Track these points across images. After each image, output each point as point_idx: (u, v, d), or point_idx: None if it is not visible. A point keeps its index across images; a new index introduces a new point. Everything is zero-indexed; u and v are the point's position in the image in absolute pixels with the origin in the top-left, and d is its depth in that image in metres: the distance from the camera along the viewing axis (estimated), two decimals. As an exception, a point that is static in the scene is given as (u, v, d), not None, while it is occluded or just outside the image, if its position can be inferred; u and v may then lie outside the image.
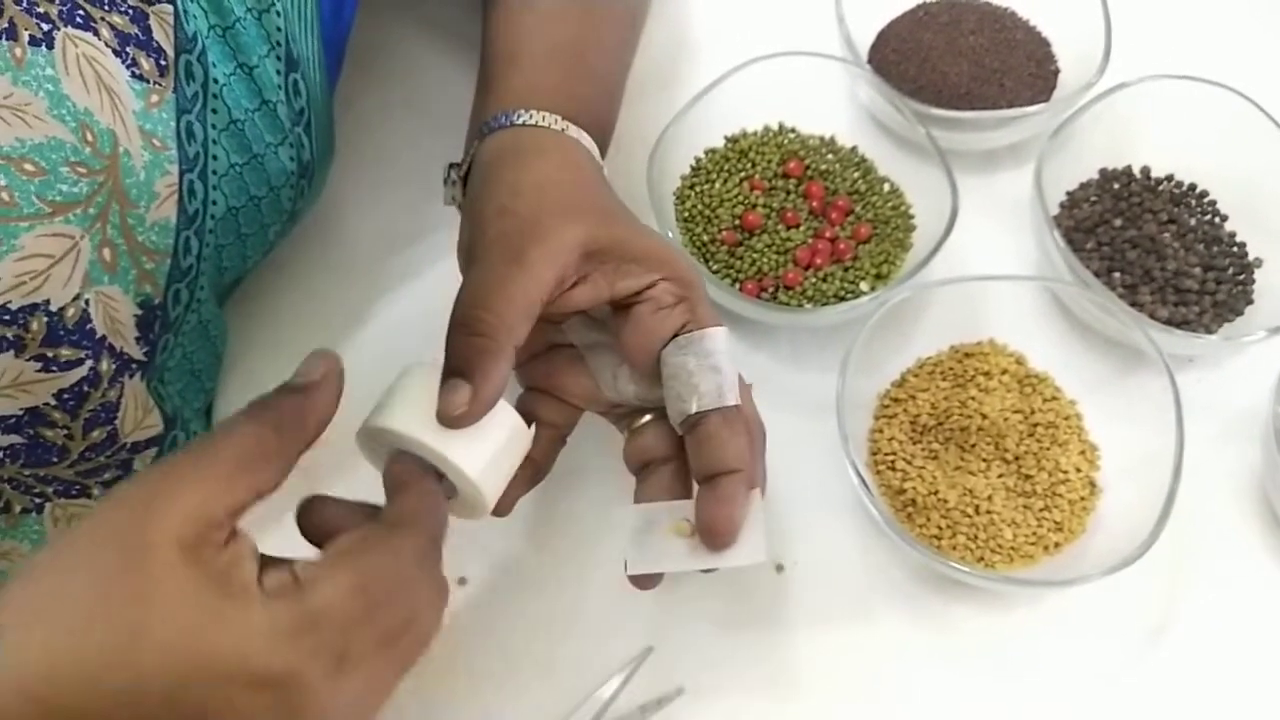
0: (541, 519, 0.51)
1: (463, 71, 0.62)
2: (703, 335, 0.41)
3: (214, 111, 0.46)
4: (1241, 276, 0.55)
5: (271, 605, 0.31)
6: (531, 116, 0.46)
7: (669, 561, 0.40)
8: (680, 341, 0.41)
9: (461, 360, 0.37)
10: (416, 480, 0.36)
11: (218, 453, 0.33)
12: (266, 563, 0.33)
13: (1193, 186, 0.58)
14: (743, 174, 0.57)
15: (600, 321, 0.44)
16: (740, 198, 0.56)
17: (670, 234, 0.53)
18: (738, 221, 0.56)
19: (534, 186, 0.43)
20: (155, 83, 0.42)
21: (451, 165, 0.48)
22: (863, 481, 0.47)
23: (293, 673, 0.31)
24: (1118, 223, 0.56)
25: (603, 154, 0.49)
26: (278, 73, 0.47)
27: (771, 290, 0.54)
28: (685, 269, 0.42)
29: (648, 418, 0.43)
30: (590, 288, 0.41)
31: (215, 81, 0.45)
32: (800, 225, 0.56)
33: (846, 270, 0.55)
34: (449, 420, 0.37)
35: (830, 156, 0.58)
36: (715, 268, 0.55)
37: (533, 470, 0.43)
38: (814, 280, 0.54)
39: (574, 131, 0.46)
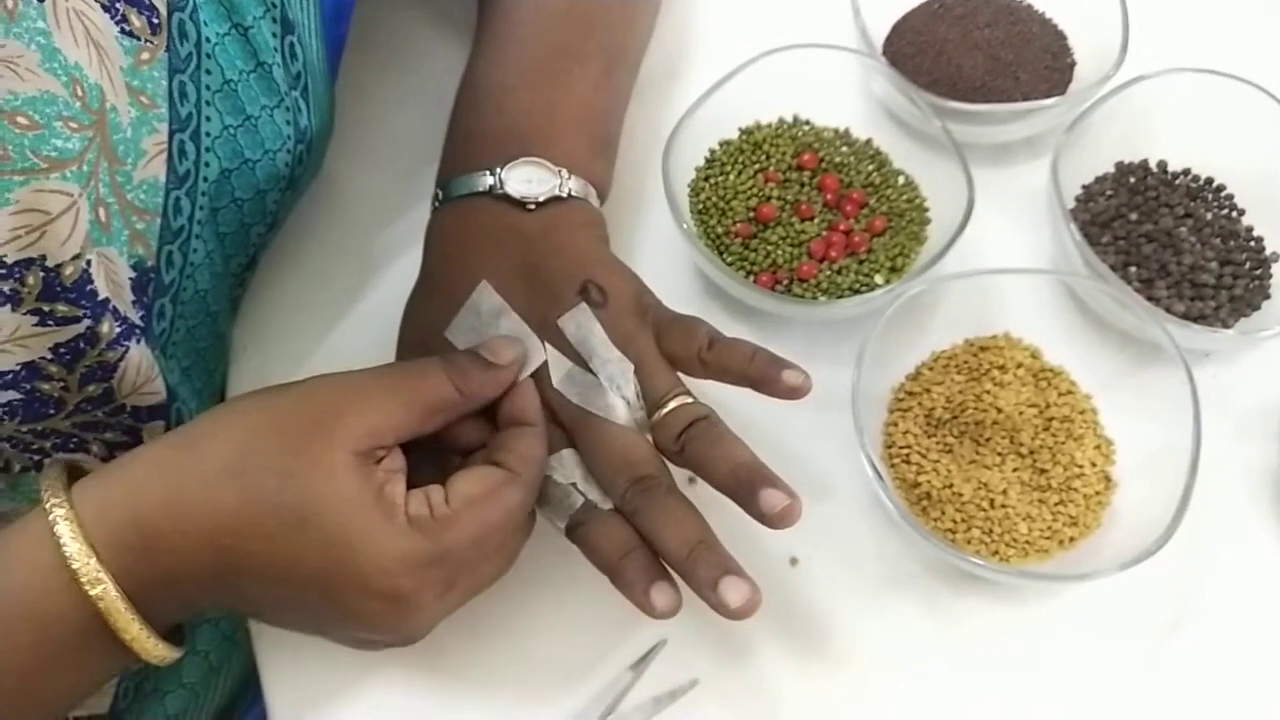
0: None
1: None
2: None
3: (207, 72, 0.45)
4: (1259, 271, 0.55)
5: (411, 535, 0.39)
6: (457, 185, 0.49)
7: None
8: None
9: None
10: (534, 422, 0.43)
11: (409, 389, 0.41)
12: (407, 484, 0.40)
13: (1209, 180, 0.57)
14: (757, 166, 0.57)
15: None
16: (755, 190, 0.56)
17: (685, 226, 0.53)
18: (752, 214, 0.56)
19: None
20: (147, 40, 0.42)
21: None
22: (878, 475, 0.47)
23: (413, 594, 0.39)
24: (1134, 217, 0.56)
25: (599, 153, 0.52)
26: (274, 35, 0.47)
27: (786, 283, 0.54)
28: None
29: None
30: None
31: (208, 41, 0.45)
32: (815, 218, 0.56)
33: (861, 263, 0.54)
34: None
35: (845, 149, 0.58)
36: (730, 260, 0.55)
37: None
38: (828, 273, 0.54)
39: (513, 181, 0.48)
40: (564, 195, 0.48)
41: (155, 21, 0.42)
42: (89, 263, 0.41)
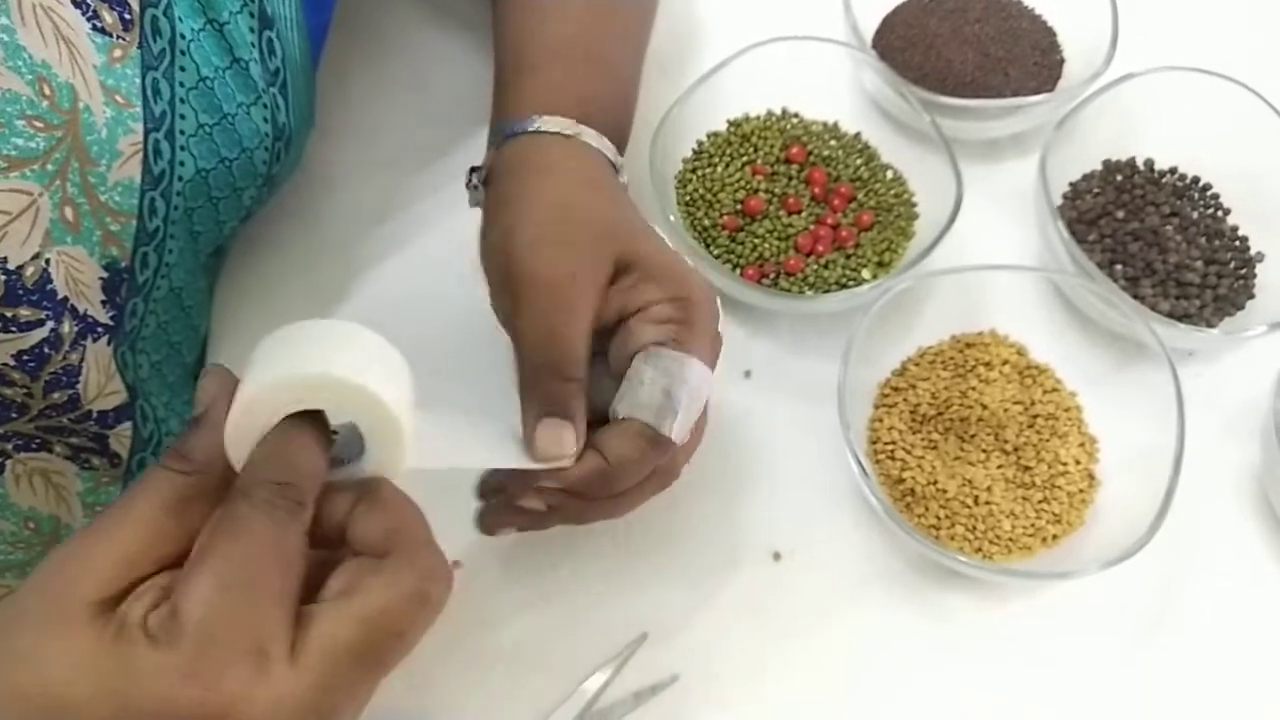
0: (537, 503, 0.51)
1: (456, 51, 0.61)
2: (677, 359, 0.41)
3: (182, 69, 0.44)
4: (1243, 271, 0.55)
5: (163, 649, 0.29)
6: (544, 123, 0.46)
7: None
8: (653, 352, 0.41)
9: (560, 404, 0.40)
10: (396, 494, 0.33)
11: (121, 533, 0.31)
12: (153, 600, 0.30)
13: (1196, 179, 0.57)
14: (745, 159, 0.57)
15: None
16: (742, 182, 0.56)
17: (671, 217, 0.53)
18: (739, 206, 0.55)
19: (559, 210, 0.43)
20: (119, 37, 0.41)
21: (473, 169, 0.48)
22: (862, 470, 0.47)
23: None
24: (1120, 215, 0.56)
25: (621, 150, 0.49)
26: (251, 30, 0.46)
27: (773, 276, 0.54)
28: (698, 289, 0.42)
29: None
30: (609, 305, 0.42)
31: (183, 37, 0.44)
32: (802, 211, 0.55)
33: (848, 258, 0.54)
34: (558, 459, 0.40)
35: (833, 143, 0.57)
36: (716, 253, 0.54)
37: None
38: (816, 267, 0.54)
39: (589, 136, 0.46)
40: (617, 166, 0.48)
41: (127, 18, 0.41)
42: (48, 261, 0.40)
